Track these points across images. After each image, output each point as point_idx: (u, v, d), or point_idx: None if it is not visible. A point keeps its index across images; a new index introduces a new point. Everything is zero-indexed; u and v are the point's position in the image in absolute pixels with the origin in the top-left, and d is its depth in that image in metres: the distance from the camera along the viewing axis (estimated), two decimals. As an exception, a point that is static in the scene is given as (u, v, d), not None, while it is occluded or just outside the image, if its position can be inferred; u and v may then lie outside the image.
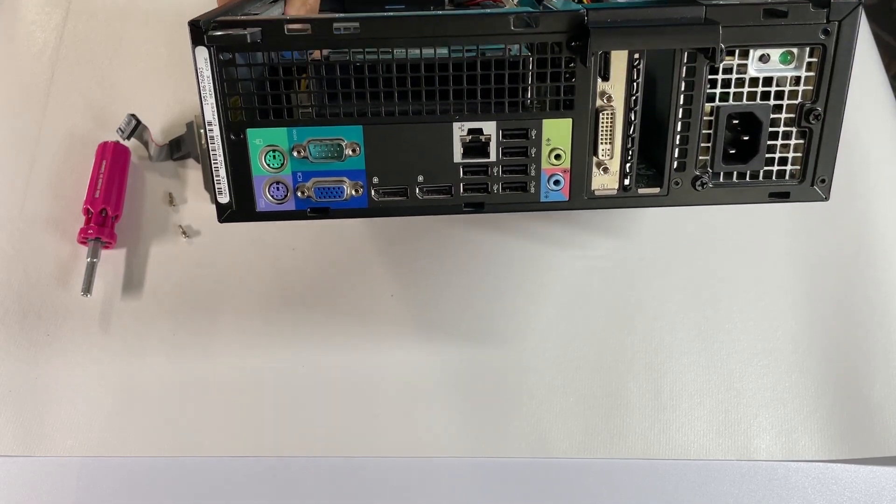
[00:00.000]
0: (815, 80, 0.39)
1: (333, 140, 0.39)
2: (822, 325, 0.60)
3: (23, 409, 0.58)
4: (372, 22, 0.36)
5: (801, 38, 0.38)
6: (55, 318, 0.61)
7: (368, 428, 0.57)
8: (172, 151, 0.66)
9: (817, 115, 0.40)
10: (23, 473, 0.57)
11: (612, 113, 0.39)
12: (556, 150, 0.40)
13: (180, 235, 0.64)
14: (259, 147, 0.39)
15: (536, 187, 0.40)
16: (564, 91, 0.38)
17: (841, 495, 0.56)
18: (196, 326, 0.61)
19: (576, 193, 0.41)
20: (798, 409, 0.58)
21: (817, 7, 0.37)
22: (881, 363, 0.59)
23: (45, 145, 0.67)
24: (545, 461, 0.57)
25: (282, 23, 0.36)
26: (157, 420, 0.58)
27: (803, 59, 0.39)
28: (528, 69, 0.38)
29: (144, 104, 0.68)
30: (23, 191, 0.66)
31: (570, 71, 0.38)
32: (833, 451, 0.57)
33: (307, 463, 0.57)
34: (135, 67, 0.71)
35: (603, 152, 0.40)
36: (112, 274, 0.63)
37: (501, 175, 0.40)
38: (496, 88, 0.38)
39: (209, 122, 0.38)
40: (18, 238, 0.64)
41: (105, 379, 0.59)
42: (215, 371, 0.59)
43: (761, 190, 0.42)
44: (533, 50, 0.38)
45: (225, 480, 0.56)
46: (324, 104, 0.38)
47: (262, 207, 0.40)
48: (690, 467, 0.56)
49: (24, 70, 0.71)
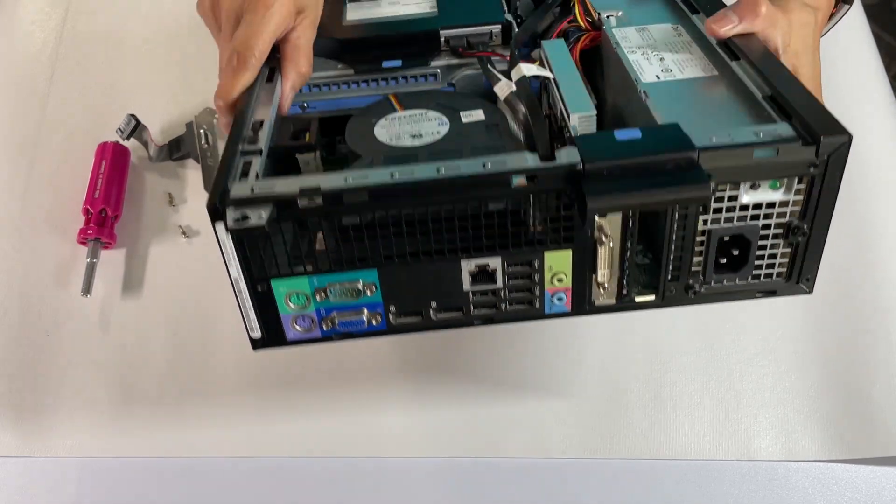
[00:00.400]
0: (803, 203, 0.41)
1: (351, 283, 0.42)
2: (822, 325, 0.60)
3: (23, 409, 0.58)
4: (380, 190, 0.38)
5: (790, 171, 0.40)
6: (55, 318, 0.61)
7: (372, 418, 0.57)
8: (172, 151, 0.66)
9: (804, 233, 0.42)
10: (23, 473, 0.57)
11: (610, 243, 0.42)
12: (557, 275, 0.43)
13: (180, 235, 0.64)
14: (283, 293, 0.42)
15: (541, 303, 0.44)
16: (564, 228, 0.41)
17: (841, 495, 0.56)
18: (196, 326, 0.61)
19: (577, 305, 0.44)
20: (798, 409, 0.58)
21: (807, 145, 0.39)
22: (881, 363, 0.59)
23: (44, 145, 0.67)
24: (545, 461, 0.57)
25: (294, 199, 0.38)
26: (157, 420, 0.58)
27: (792, 185, 0.40)
28: (528, 215, 0.40)
29: (144, 104, 0.68)
30: (23, 191, 0.66)
31: (568, 212, 0.40)
32: (833, 451, 0.57)
33: (307, 463, 0.57)
34: (134, 67, 0.71)
35: (602, 275, 0.43)
36: (112, 274, 0.63)
37: (508, 295, 0.43)
38: (499, 231, 0.41)
39: (235, 279, 0.41)
40: (18, 238, 0.64)
41: (105, 379, 0.59)
42: (215, 371, 0.59)
43: (750, 291, 0.45)
44: (533, 199, 0.40)
45: (225, 480, 0.56)
46: (340, 255, 0.41)
47: (291, 337, 0.43)
48: (690, 467, 0.56)
49: (24, 70, 0.71)
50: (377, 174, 0.39)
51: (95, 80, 0.70)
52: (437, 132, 0.48)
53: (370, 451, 0.57)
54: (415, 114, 0.50)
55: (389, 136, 0.48)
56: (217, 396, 0.58)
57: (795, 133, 0.39)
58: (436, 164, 0.39)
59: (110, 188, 0.63)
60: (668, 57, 0.50)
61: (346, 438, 0.57)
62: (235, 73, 0.46)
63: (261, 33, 0.46)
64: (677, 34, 0.52)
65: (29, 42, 0.72)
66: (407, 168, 0.39)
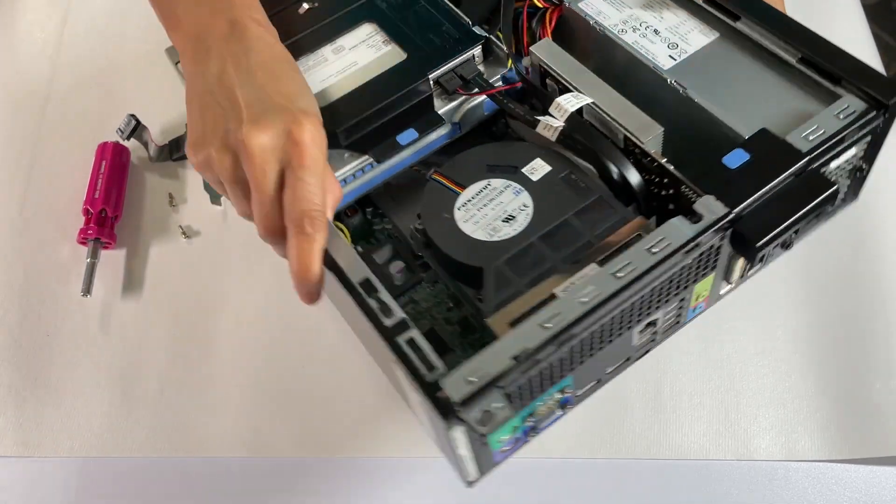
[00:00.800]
0: (867, 149, 0.48)
1: (553, 397, 0.43)
2: (822, 325, 0.60)
3: (23, 409, 0.58)
4: (577, 323, 0.38)
5: (867, 135, 0.46)
6: (55, 318, 0.61)
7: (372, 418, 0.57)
8: (172, 151, 0.66)
9: (867, 169, 0.50)
10: (23, 473, 0.57)
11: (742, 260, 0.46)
12: (700, 294, 0.47)
13: (180, 236, 0.64)
14: (496, 438, 0.42)
15: (684, 317, 0.48)
16: (713, 261, 0.44)
17: (841, 495, 0.56)
18: (196, 326, 0.61)
19: (709, 304, 0.49)
20: (798, 410, 0.58)
21: (879, 111, 0.45)
22: (881, 363, 0.59)
23: (44, 145, 0.67)
24: (545, 461, 0.57)
25: (509, 370, 0.37)
26: (157, 420, 0.58)
27: (862, 140, 0.47)
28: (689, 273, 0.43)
29: (144, 104, 0.68)
30: (23, 191, 0.66)
31: (716, 252, 0.43)
32: (833, 451, 0.57)
33: (307, 463, 0.57)
34: (135, 68, 0.71)
35: (731, 280, 0.48)
36: (112, 274, 0.63)
37: (664, 327, 0.47)
38: (664, 297, 0.44)
39: (462, 456, 0.41)
40: (18, 238, 0.64)
41: (105, 379, 0.59)
42: (215, 371, 0.59)
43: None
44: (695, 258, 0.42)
45: (225, 480, 0.56)
46: (541, 382, 0.41)
47: (498, 460, 0.44)
48: (690, 467, 0.56)
49: (24, 70, 0.71)
50: (569, 309, 0.39)
51: (95, 80, 0.70)
52: (524, 206, 0.46)
53: (370, 451, 0.57)
54: (481, 191, 0.47)
55: (483, 230, 0.46)
56: (217, 396, 0.58)
57: (867, 105, 0.44)
58: (609, 270, 0.40)
59: (110, 188, 0.63)
60: (660, 27, 0.51)
61: (346, 438, 0.57)
62: (313, 240, 0.40)
63: (323, 184, 0.42)
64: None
65: (29, 42, 0.72)
66: (585, 289, 0.39)
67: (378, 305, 0.40)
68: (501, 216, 0.46)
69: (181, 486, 0.56)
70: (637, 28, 0.51)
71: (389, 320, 0.40)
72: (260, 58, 0.44)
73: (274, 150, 0.41)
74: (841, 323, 0.60)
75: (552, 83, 0.51)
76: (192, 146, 0.44)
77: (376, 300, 0.40)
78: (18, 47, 0.72)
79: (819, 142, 0.43)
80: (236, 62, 0.44)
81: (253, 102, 0.42)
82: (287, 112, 0.42)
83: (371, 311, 0.40)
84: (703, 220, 0.41)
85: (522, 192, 0.47)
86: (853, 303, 0.61)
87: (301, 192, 0.40)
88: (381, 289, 0.41)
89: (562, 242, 0.44)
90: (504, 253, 0.44)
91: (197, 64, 0.45)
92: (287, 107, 0.42)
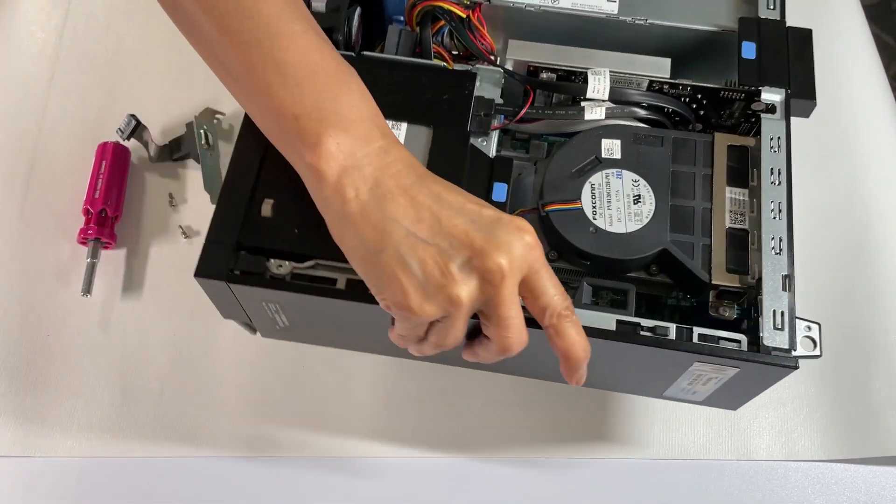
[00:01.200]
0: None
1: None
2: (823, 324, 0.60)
3: (23, 409, 0.58)
4: None
5: None
6: (55, 318, 0.61)
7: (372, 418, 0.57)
8: (172, 151, 0.66)
9: None
10: (23, 473, 0.57)
11: None
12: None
13: (180, 236, 0.64)
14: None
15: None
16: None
17: (840, 495, 0.56)
18: (196, 326, 0.61)
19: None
20: (798, 409, 0.58)
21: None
22: (881, 363, 0.59)
23: (45, 145, 0.67)
24: (545, 461, 0.57)
25: None
26: (157, 420, 0.58)
27: None
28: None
29: (144, 104, 0.68)
30: (23, 191, 0.66)
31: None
32: (833, 451, 0.57)
33: (307, 463, 0.57)
34: (135, 67, 0.71)
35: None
36: (112, 274, 0.63)
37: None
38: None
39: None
40: (18, 238, 0.64)
41: (105, 379, 0.59)
42: (215, 371, 0.59)
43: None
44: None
45: (225, 480, 0.56)
46: None
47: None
48: (690, 467, 0.56)
49: (24, 70, 0.71)
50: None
51: (95, 80, 0.70)
52: (634, 181, 0.48)
53: (371, 451, 0.57)
54: (593, 193, 0.47)
55: (631, 221, 0.47)
56: (217, 396, 0.58)
57: None
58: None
59: (111, 188, 0.63)
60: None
61: (346, 438, 0.57)
62: (578, 321, 0.40)
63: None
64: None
65: (29, 42, 0.72)
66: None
67: (650, 332, 0.43)
68: (630, 200, 0.47)
69: (181, 486, 0.56)
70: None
71: (668, 334, 0.43)
72: (431, 178, 0.40)
73: (515, 263, 0.38)
74: (841, 323, 0.60)
75: (548, 74, 0.52)
76: (418, 297, 0.38)
77: (646, 329, 0.43)
78: (18, 47, 0.72)
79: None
80: (419, 193, 0.39)
81: (471, 227, 0.38)
82: (502, 222, 0.38)
83: (653, 339, 0.43)
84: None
85: (623, 172, 0.48)
86: (853, 303, 0.61)
87: (554, 286, 0.39)
88: (641, 320, 0.44)
89: (686, 189, 0.47)
90: (664, 225, 0.46)
91: (364, 204, 0.39)
92: (499, 217, 0.39)
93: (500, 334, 0.39)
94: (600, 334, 0.43)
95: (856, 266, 0.62)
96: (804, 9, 0.72)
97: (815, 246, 0.63)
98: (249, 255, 0.45)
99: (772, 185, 0.46)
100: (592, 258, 0.46)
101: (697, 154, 0.48)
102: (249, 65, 0.39)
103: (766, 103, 0.49)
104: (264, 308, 0.47)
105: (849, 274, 0.62)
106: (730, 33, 0.52)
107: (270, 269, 0.44)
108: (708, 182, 0.47)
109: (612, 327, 0.43)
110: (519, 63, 0.52)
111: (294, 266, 0.45)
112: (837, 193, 0.65)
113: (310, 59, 0.39)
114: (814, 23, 0.69)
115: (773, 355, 0.43)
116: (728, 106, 0.51)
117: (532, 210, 0.48)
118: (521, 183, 0.49)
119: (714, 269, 0.45)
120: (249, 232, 0.45)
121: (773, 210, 0.46)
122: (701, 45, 0.53)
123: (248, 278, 0.44)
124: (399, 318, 0.40)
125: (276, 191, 0.46)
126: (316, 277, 0.45)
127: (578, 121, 0.49)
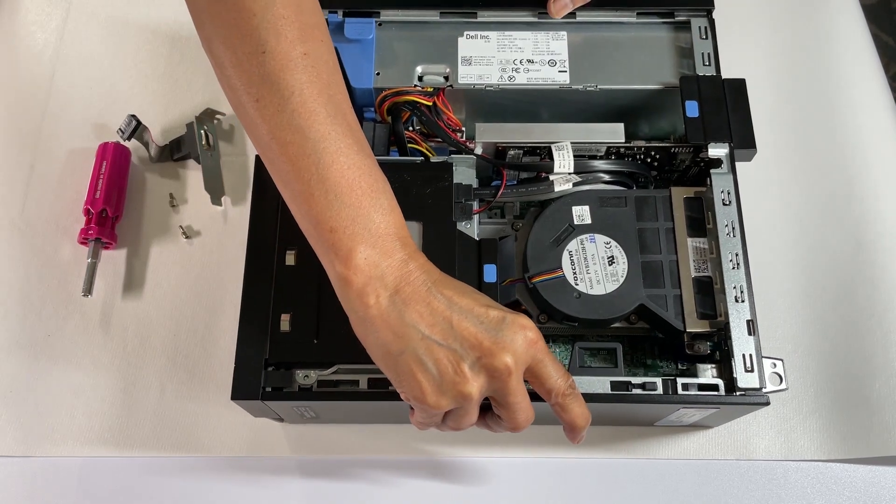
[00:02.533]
0: None
1: None
2: (822, 324, 0.60)
3: (23, 409, 0.58)
4: None
5: None
6: (55, 318, 0.61)
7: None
8: (173, 152, 0.66)
9: None
10: (23, 473, 0.57)
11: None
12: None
13: (181, 236, 0.64)
14: None
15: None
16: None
17: (840, 495, 0.56)
18: (196, 326, 0.61)
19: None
20: (798, 409, 0.58)
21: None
22: (881, 363, 0.59)
23: (45, 146, 0.67)
24: (545, 461, 0.57)
25: None
26: (157, 420, 0.58)
27: None
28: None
29: (145, 105, 0.68)
30: (23, 191, 0.66)
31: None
32: (832, 450, 0.57)
33: (309, 463, 0.57)
34: (135, 68, 0.71)
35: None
36: (112, 274, 0.63)
37: None
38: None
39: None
40: (18, 238, 0.64)
41: (105, 379, 0.59)
42: (215, 371, 0.59)
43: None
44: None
45: (225, 480, 0.56)
46: None
47: None
48: (690, 467, 0.56)
49: (24, 70, 0.71)
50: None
51: (95, 80, 0.70)
52: (607, 243, 0.52)
53: (371, 451, 0.57)
54: (572, 260, 0.52)
55: (608, 281, 0.51)
56: (217, 396, 0.58)
57: None
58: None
59: (111, 188, 0.63)
60: (529, 56, 0.58)
61: (347, 438, 0.57)
62: (580, 395, 0.45)
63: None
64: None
65: (29, 42, 0.72)
66: None
67: (640, 388, 0.48)
68: (605, 262, 0.51)
69: (181, 485, 0.56)
70: (517, 69, 0.57)
71: (655, 388, 0.48)
72: (444, 283, 0.44)
73: (520, 358, 0.42)
74: (840, 323, 0.60)
75: (516, 151, 0.55)
76: (435, 393, 0.42)
77: (636, 386, 0.48)
78: (18, 47, 0.72)
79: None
80: (434, 299, 0.43)
81: (479, 329, 0.42)
82: (506, 322, 0.43)
83: (644, 396, 0.48)
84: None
85: (595, 237, 0.52)
86: (853, 303, 0.61)
87: (556, 370, 0.44)
88: (631, 378, 0.49)
89: (652, 244, 0.52)
90: (638, 281, 0.51)
91: (385, 310, 0.42)
92: (503, 317, 0.43)
93: (510, 416, 0.44)
94: (597, 398, 0.48)
95: (855, 265, 0.62)
96: (804, 9, 0.72)
97: (815, 245, 0.63)
98: (276, 371, 0.49)
99: (728, 237, 0.51)
100: (580, 321, 0.51)
101: (658, 209, 0.53)
102: (296, 171, 0.43)
103: (713, 158, 0.53)
104: (294, 409, 0.52)
105: (848, 273, 0.62)
106: (672, 88, 0.56)
107: (297, 381, 0.49)
108: (671, 235, 0.52)
109: (607, 389, 0.48)
110: (488, 144, 0.55)
111: (319, 374, 0.49)
112: (837, 193, 0.65)
113: (350, 176, 0.43)
114: (813, 22, 0.69)
115: (746, 395, 0.48)
116: (679, 157, 0.56)
117: (519, 280, 0.52)
118: (504, 248, 0.52)
119: (687, 316, 0.50)
120: (273, 349, 0.49)
121: (732, 261, 0.50)
122: (646, 100, 0.57)
123: (279, 394, 0.49)
124: (417, 410, 0.44)
125: (291, 304, 0.50)
126: (340, 381, 0.49)
127: (549, 193, 0.53)
